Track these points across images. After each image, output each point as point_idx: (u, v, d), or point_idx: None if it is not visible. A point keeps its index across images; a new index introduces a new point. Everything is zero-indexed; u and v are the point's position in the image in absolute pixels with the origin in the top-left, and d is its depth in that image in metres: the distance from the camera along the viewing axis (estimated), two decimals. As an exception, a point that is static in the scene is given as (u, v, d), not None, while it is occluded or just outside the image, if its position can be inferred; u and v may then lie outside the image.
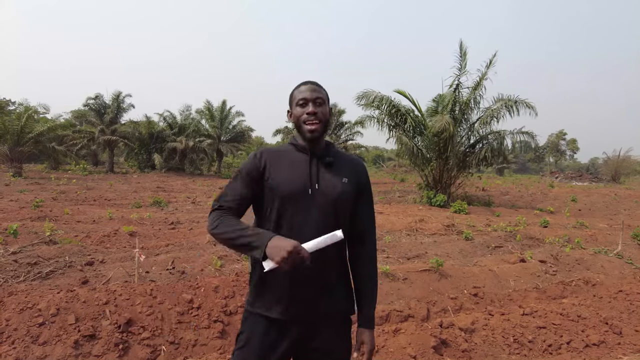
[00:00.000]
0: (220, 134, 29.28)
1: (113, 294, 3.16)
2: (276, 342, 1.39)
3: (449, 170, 13.66)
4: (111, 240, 6.03)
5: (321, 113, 1.43)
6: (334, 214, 1.40)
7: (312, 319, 1.41)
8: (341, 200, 1.42)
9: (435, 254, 5.79)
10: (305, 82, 1.48)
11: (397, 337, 3.17)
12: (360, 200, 1.50)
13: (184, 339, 2.99)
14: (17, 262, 4.40)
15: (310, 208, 1.38)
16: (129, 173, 24.84)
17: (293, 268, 1.21)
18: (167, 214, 8.98)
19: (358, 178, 1.49)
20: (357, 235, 1.52)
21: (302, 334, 1.40)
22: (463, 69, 12.84)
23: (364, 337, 1.45)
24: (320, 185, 1.41)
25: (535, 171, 62.01)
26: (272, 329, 1.39)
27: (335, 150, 1.53)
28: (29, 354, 2.58)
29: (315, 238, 1.30)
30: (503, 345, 3.27)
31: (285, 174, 1.41)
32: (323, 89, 1.48)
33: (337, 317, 1.47)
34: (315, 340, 1.42)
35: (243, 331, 1.44)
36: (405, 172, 34.88)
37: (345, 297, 1.49)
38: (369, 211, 1.54)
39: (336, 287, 1.46)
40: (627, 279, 5.00)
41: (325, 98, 1.46)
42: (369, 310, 1.49)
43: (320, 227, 1.37)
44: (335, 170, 1.46)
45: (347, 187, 1.44)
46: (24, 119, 18.93)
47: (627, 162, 35.57)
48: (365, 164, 1.77)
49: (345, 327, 1.50)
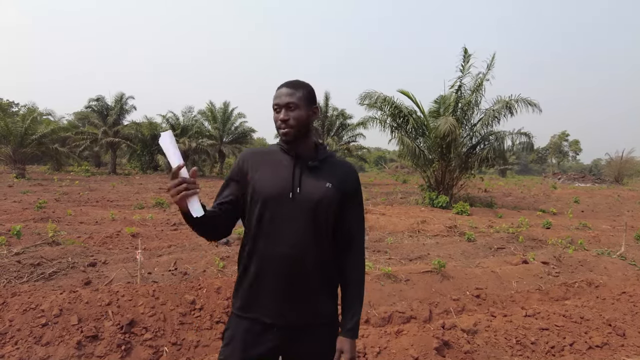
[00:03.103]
0: (223, 135, 29.37)
1: (115, 294, 3.17)
2: (257, 343, 1.39)
3: (451, 171, 13.64)
4: (114, 242, 6.05)
5: (293, 119, 1.37)
6: (315, 218, 1.37)
7: (294, 324, 1.40)
8: (322, 205, 1.38)
9: (437, 255, 5.78)
10: (282, 85, 1.42)
11: (399, 338, 3.16)
12: (347, 205, 1.46)
13: (186, 340, 3.00)
14: (21, 262, 4.42)
15: (291, 212, 1.36)
16: (131, 174, 24.93)
17: (192, 183, 1.21)
18: (170, 215, 9.00)
19: (345, 183, 1.45)
20: (344, 241, 1.48)
21: (285, 339, 1.39)
22: (466, 71, 12.86)
23: (344, 347, 1.42)
24: (302, 190, 1.38)
25: (538, 172, 61.85)
26: (253, 330, 1.39)
27: (325, 153, 1.48)
28: (32, 355, 2.59)
29: (296, 243, 1.34)
30: (505, 347, 3.26)
31: (267, 176, 1.40)
32: (300, 90, 1.40)
33: (320, 323, 1.44)
34: (298, 346, 1.40)
35: (227, 329, 1.46)
36: (408, 173, 34.86)
37: (328, 303, 1.46)
38: (357, 217, 1.50)
39: (319, 293, 1.43)
40: (630, 281, 4.97)
41: (300, 101, 1.39)
42: (352, 319, 1.45)
43: (300, 231, 1.36)
44: (320, 174, 1.42)
45: (330, 192, 1.40)
46: (27, 121, 19.05)
47: (630, 163, 35.45)
48: (366, 165, 1.76)
49: (329, 333, 1.47)
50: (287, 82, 1.43)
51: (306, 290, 1.40)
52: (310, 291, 1.41)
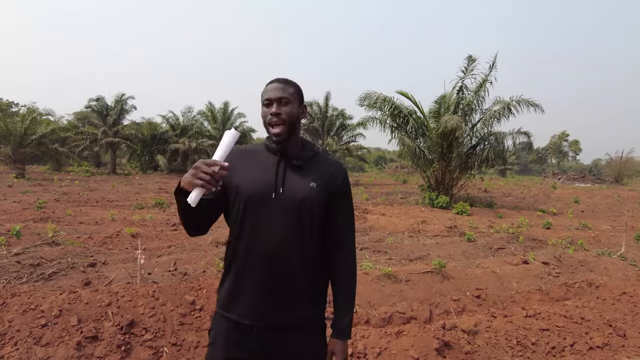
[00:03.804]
0: (222, 135, 29.38)
1: (115, 295, 3.17)
2: (239, 345, 1.36)
3: (451, 171, 13.64)
4: (113, 242, 6.04)
5: (286, 114, 1.35)
6: (299, 218, 1.35)
7: (277, 325, 1.37)
8: (305, 205, 1.35)
9: (437, 256, 5.77)
10: (273, 80, 1.40)
11: (399, 339, 3.16)
12: (334, 204, 1.43)
13: (186, 341, 2.99)
14: (20, 263, 4.41)
15: (274, 212, 1.34)
16: (131, 174, 24.92)
17: (215, 180, 1.19)
18: (169, 215, 9.00)
19: (332, 182, 1.42)
20: (332, 241, 1.45)
21: (268, 340, 1.37)
22: (468, 73, 12.89)
23: (336, 348, 1.41)
24: (285, 189, 1.35)
25: (538, 172, 61.88)
26: (234, 331, 1.37)
27: (311, 152, 1.46)
28: (32, 355, 2.59)
29: (279, 243, 1.33)
30: (506, 348, 3.25)
31: (250, 175, 1.38)
32: (291, 87, 1.39)
33: (306, 324, 1.42)
34: (284, 347, 1.38)
35: (212, 328, 1.45)
36: (408, 173, 34.85)
37: (315, 304, 1.44)
38: (345, 215, 1.47)
39: (305, 294, 1.41)
40: (630, 281, 4.97)
41: (292, 97, 1.38)
42: (343, 320, 1.44)
43: (284, 231, 1.34)
44: (304, 173, 1.39)
45: (314, 192, 1.37)
46: (27, 121, 19.05)
47: (630, 164, 35.47)
48: (366, 165, 1.75)
49: (316, 333, 1.45)
50: (277, 78, 1.41)
51: (290, 290, 1.37)
52: (295, 292, 1.38)
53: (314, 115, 26.57)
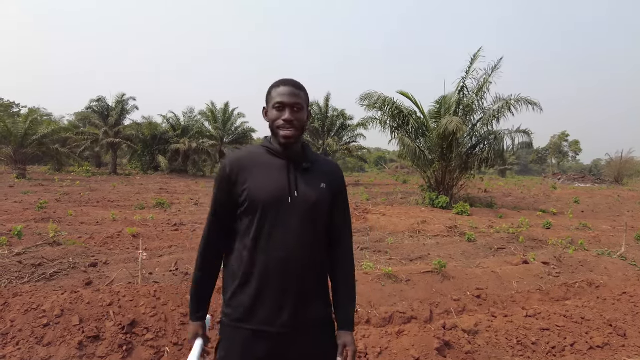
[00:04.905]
0: (223, 136, 29.41)
1: (117, 295, 3.18)
2: (257, 351, 1.35)
3: (451, 171, 13.64)
4: (115, 242, 6.05)
5: (298, 120, 1.36)
6: (314, 220, 1.38)
7: (296, 327, 1.37)
8: (320, 207, 1.39)
9: (437, 256, 5.78)
10: (285, 82, 1.39)
11: (400, 338, 3.17)
12: (336, 203, 1.47)
13: (188, 340, 3.00)
14: (22, 263, 4.43)
15: (291, 216, 1.34)
16: (132, 175, 24.93)
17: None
18: (170, 216, 9.01)
19: (335, 182, 1.46)
20: (334, 238, 1.49)
21: (286, 342, 1.36)
22: (470, 73, 12.90)
23: (346, 340, 1.42)
24: (300, 193, 1.36)
25: (538, 173, 61.83)
26: (252, 339, 1.35)
27: (311, 153, 1.48)
28: (34, 355, 2.60)
29: (296, 246, 1.35)
30: (507, 347, 3.26)
31: (262, 182, 1.36)
32: (303, 91, 1.40)
33: (320, 322, 1.44)
34: (293, 348, 1.38)
35: (221, 341, 1.42)
36: (408, 173, 34.85)
37: (326, 302, 1.46)
38: (344, 213, 1.52)
39: (318, 293, 1.43)
40: (631, 281, 4.97)
41: (304, 102, 1.39)
42: (348, 312, 1.47)
43: (301, 234, 1.35)
44: (313, 175, 1.42)
45: (325, 193, 1.41)
46: (28, 122, 19.07)
47: (630, 164, 35.43)
48: (366, 165, 1.77)
49: (325, 332, 1.46)
50: (288, 80, 1.40)
51: (306, 292, 1.39)
52: (310, 293, 1.40)
53: (314, 115, 26.58)
